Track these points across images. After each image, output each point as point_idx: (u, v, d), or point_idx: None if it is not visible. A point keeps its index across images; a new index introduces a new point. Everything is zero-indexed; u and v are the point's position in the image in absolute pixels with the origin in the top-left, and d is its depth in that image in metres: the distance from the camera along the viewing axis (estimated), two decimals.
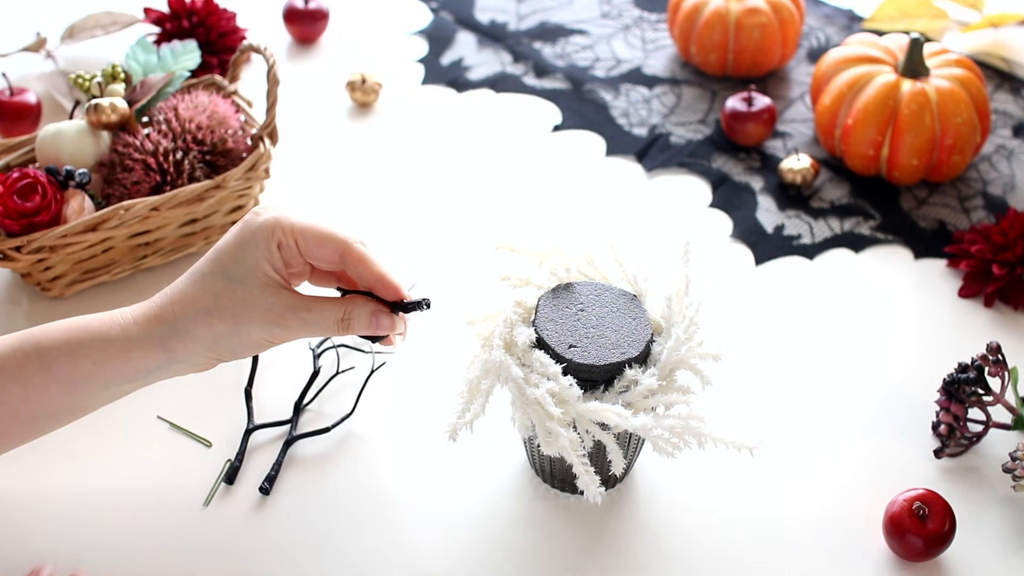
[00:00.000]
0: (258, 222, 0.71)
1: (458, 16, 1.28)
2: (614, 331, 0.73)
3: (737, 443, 0.70)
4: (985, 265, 0.95)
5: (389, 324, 0.72)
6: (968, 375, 0.81)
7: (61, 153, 0.92)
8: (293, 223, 0.71)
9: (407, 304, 0.72)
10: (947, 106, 1.01)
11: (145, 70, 1.00)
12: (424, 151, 1.10)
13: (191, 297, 0.71)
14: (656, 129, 1.13)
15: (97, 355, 0.70)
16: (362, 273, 0.72)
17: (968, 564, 0.76)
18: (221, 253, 0.71)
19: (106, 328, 0.71)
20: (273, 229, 0.70)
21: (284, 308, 0.70)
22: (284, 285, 0.72)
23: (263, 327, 0.71)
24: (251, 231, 0.71)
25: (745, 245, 1.01)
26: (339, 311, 0.71)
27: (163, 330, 0.71)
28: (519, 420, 0.70)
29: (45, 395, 0.71)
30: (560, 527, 0.78)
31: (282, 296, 0.71)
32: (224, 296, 0.70)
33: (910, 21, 1.23)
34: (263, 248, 0.70)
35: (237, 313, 0.70)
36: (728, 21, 1.14)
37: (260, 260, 0.70)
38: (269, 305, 0.70)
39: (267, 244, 0.70)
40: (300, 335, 0.72)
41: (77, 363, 0.70)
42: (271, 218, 0.71)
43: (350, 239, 0.72)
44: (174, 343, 0.71)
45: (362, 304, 0.72)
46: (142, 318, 0.71)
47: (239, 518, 0.78)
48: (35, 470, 0.80)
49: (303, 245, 0.71)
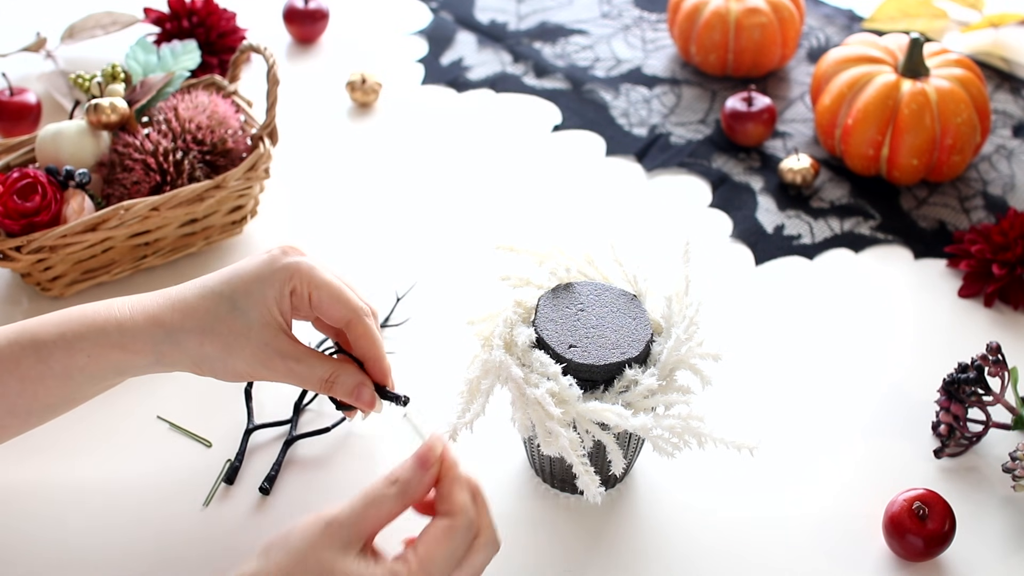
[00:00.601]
0: (282, 262, 0.71)
1: (458, 16, 1.28)
2: (614, 331, 0.73)
3: (737, 443, 0.70)
4: (985, 265, 0.95)
5: (369, 400, 0.73)
6: (968, 375, 0.81)
7: (61, 153, 0.92)
8: (313, 276, 0.71)
9: (388, 392, 0.74)
10: (947, 106, 1.01)
11: (145, 70, 1.00)
12: (424, 151, 1.10)
13: (193, 310, 0.70)
14: (656, 129, 1.13)
15: (92, 348, 0.70)
16: (361, 345, 0.73)
17: (968, 564, 0.76)
18: (236, 279, 0.71)
19: (102, 321, 0.70)
20: (292, 275, 0.70)
21: (275, 352, 0.71)
22: (284, 329, 0.72)
23: (250, 363, 0.71)
24: (271, 270, 0.71)
25: (745, 245, 1.01)
26: (326, 371, 0.72)
27: (159, 333, 0.70)
28: (519, 420, 0.70)
29: (42, 388, 0.71)
30: (560, 527, 0.78)
31: (278, 339, 0.71)
32: (223, 322, 0.70)
33: (910, 21, 1.23)
34: (277, 289, 0.70)
35: (229, 342, 0.70)
36: (728, 21, 1.14)
37: (270, 299, 0.70)
38: (263, 344, 0.70)
39: (282, 287, 0.70)
40: (283, 380, 0.72)
41: (73, 356, 0.70)
42: (294, 262, 0.71)
43: (361, 310, 0.72)
44: (165, 348, 0.71)
45: (351, 372, 0.72)
46: (140, 315, 0.71)
47: (239, 518, 0.78)
48: (35, 470, 0.80)
49: (316, 300, 0.71)
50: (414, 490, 0.62)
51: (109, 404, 0.84)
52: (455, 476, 0.63)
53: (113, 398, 0.84)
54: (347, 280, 0.74)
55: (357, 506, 0.60)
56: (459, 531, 0.61)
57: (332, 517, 0.60)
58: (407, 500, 0.62)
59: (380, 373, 0.74)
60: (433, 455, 0.63)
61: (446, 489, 0.63)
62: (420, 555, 0.60)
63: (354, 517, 0.60)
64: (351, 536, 0.60)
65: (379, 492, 0.61)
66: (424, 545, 0.61)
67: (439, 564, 0.60)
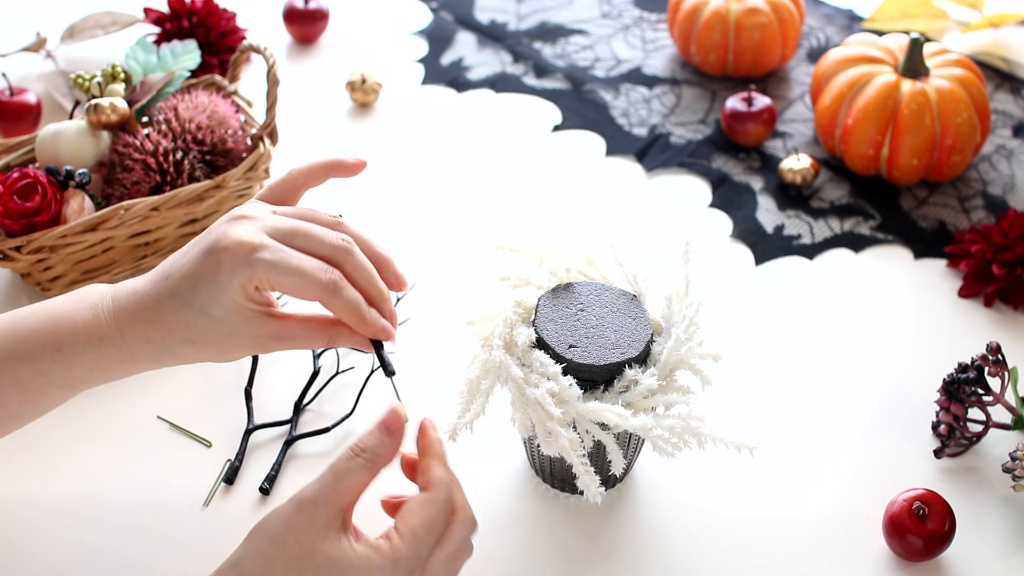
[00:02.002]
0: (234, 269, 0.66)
1: (458, 16, 1.28)
2: (614, 331, 0.73)
3: (737, 443, 0.70)
4: (985, 265, 0.95)
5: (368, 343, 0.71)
6: (968, 375, 0.81)
7: (61, 153, 0.92)
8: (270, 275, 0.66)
9: (381, 354, 0.71)
10: (947, 106, 1.01)
11: (145, 70, 1.00)
12: (424, 151, 1.10)
13: (174, 327, 0.69)
14: (656, 129, 1.13)
15: (92, 365, 0.70)
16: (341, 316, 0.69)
17: (968, 564, 0.76)
18: (201, 289, 0.67)
19: (96, 341, 0.69)
20: (251, 277, 0.66)
21: (269, 339, 0.70)
22: (266, 313, 0.69)
23: (250, 350, 0.71)
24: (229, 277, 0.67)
25: (745, 245, 1.01)
26: (323, 341, 0.71)
27: (153, 349, 0.69)
28: (519, 420, 0.70)
29: (44, 397, 0.71)
30: (560, 527, 0.78)
31: (266, 326, 0.69)
32: (209, 331, 0.69)
33: (910, 21, 1.23)
34: (240, 292, 0.67)
35: (224, 345, 0.69)
36: (728, 21, 1.14)
37: (239, 300, 0.67)
38: (254, 336, 0.69)
39: (244, 287, 0.67)
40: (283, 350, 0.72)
41: (72, 370, 0.70)
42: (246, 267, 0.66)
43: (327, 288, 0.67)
44: (165, 358, 0.70)
45: (346, 335, 0.71)
46: (131, 333, 0.69)
47: (239, 518, 0.78)
48: (35, 470, 0.80)
49: (282, 288, 0.68)
50: (381, 457, 0.62)
51: (109, 404, 0.84)
52: (436, 452, 0.65)
53: (113, 398, 0.84)
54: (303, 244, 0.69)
55: (327, 481, 0.61)
56: (437, 503, 0.62)
57: (305, 497, 0.60)
58: (376, 468, 0.62)
59: (372, 334, 0.70)
60: (398, 421, 0.64)
61: (425, 464, 0.64)
62: (401, 530, 0.61)
63: (327, 493, 0.60)
64: (328, 515, 0.60)
65: (347, 464, 0.61)
66: (404, 520, 0.61)
67: (421, 536, 0.61)
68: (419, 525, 0.61)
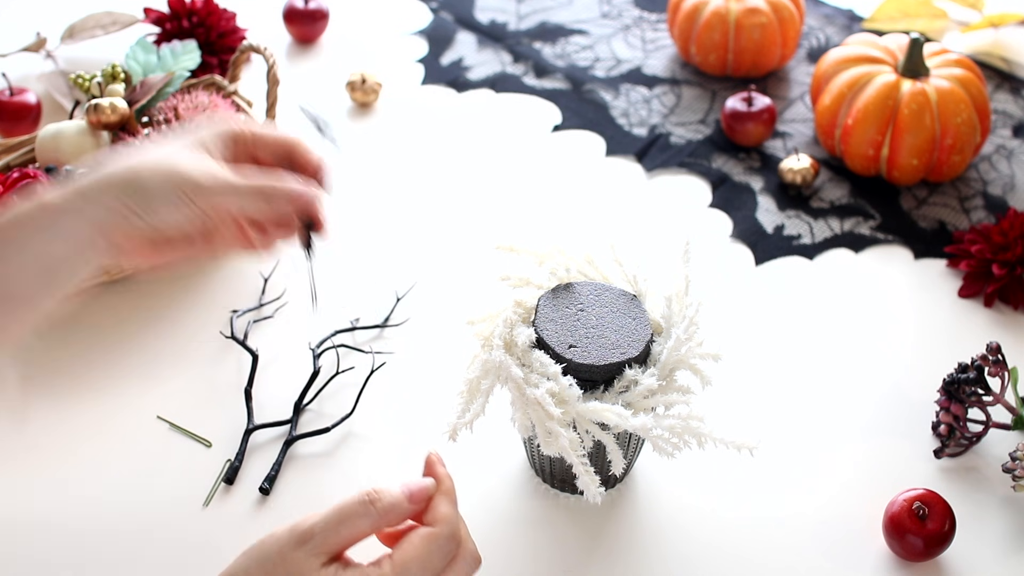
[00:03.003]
0: (216, 127, 0.70)
1: (458, 16, 1.28)
2: (614, 331, 0.73)
3: (737, 443, 0.70)
4: (985, 265, 0.95)
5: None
6: (968, 375, 0.81)
7: (61, 153, 0.92)
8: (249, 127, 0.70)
9: (310, 234, 0.72)
10: (947, 106, 1.01)
11: (145, 70, 1.00)
12: (424, 151, 1.10)
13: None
14: (656, 129, 1.13)
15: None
16: (308, 162, 0.73)
17: (968, 564, 0.76)
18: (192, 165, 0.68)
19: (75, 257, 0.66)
20: (231, 130, 0.70)
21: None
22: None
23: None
24: (212, 133, 0.70)
25: (745, 245, 1.01)
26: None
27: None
28: (519, 420, 0.70)
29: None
30: (560, 527, 0.78)
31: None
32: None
33: (910, 21, 1.23)
34: (220, 147, 0.70)
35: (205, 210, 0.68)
36: (728, 21, 1.14)
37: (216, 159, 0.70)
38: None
39: (223, 142, 0.71)
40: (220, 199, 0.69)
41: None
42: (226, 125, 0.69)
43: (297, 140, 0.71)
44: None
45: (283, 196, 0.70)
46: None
47: (239, 518, 0.78)
48: (34, 470, 0.80)
49: (259, 138, 0.72)
50: (391, 518, 0.61)
51: (108, 404, 0.84)
52: (445, 489, 0.63)
53: (113, 398, 0.84)
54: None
55: (331, 521, 0.60)
56: (439, 540, 0.61)
57: (304, 529, 0.59)
58: (382, 525, 0.61)
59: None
60: (426, 494, 0.62)
61: (433, 500, 0.63)
62: (395, 561, 0.59)
63: (326, 532, 0.59)
64: (319, 546, 0.59)
65: (354, 510, 0.60)
66: (401, 551, 0.60)
67: (413, 571, 0.59)
68: (413, 559, 0.60)
